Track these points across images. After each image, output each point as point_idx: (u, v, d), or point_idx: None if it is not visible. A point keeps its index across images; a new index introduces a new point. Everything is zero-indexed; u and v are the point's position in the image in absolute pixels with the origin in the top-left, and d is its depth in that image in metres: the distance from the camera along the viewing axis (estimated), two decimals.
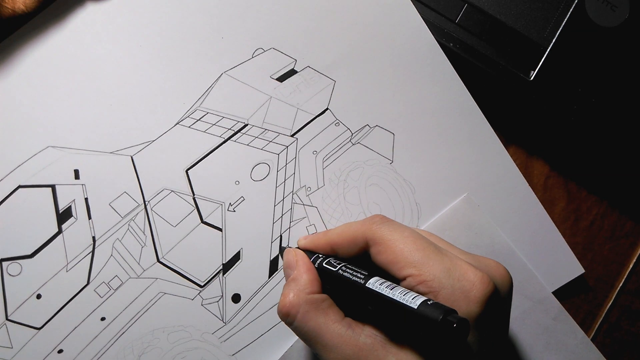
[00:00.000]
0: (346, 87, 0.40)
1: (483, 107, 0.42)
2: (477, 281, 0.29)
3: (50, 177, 0.36)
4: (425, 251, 0.30)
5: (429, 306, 0.27)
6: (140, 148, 0.37)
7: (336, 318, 0.31)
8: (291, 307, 0.31)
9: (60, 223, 0.36)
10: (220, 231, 0.38)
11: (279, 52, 0.39)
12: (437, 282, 0.29)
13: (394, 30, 0.40)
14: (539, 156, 0.44)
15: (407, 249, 0.31)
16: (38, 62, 0.36)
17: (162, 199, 0.37)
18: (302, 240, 0.37)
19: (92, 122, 0.37)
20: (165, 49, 0.38)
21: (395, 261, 0.31)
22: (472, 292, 0.29)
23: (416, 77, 0.40)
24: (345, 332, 0.30)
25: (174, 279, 0.37)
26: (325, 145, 0.40)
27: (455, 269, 0.30)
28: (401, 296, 0.28)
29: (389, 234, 0.32)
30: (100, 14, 0.37)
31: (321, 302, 0.32)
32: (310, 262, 0.34)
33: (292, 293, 0.32)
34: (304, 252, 0.35)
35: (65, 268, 0.36)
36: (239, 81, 0.38)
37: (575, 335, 0.42)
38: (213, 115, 0.38)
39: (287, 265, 0.35)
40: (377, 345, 0.29)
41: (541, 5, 0.40)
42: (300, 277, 0.33)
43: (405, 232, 0.32)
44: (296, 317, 0.31)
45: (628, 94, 0.40)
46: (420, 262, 0.30)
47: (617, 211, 0.44)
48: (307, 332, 0.31)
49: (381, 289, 0.30)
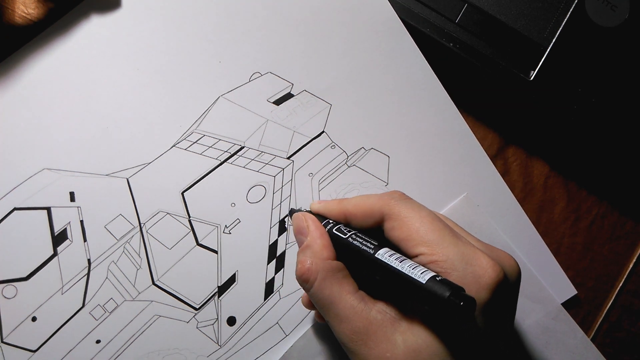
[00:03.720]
0: (342, 111, 0.40)
1: (483, 107, 0.42)
2: (488, 268, 0.29)
3: (45, 199, 0.36)
4: (440, 232, 0.30)
5: (437, 282, 0.27)
6: (136, 170, 0.37)
7: (350, 289, 0.31)
8: (310, 273, 0.31)
9: (55, 245, 0.36)
10: (216, 253, 0.38)
11: (276, 76, 0.39)
12: (449, 263, 0.29)
13: (388, 56, 0.40)
14: (539, 156, 0.44)
15: (423, 228, 0.30)
16: (34, 84, 0.36)
17: (157, 222, 0.37)
18: (315, 204, 0.36)
19: (88, 144, 0.37)
20: (162, 72, 0.38)
21: (409, 238, 0.30)
22: (483, 278, 0.29)
23: (410, 101, 0.41)
24: (358, 304, 0.30)
25: (169, 301, 0.37)
26: (321, 167, 0.40)
27: (468, 253, 0.30)
28: (410, 269, 0.28)
29: (406, 211, 0.31)
30: (98, 37, 0.37)
31: (338, 270, 0.32)
32: (322, 227, 0.34)
33: (309, 260, 0.32)
34: (314, 217, 0.35)
35: (61, 290, 0.36)
36: (236, 104, 0.39)
37: (575, 335, 0.42)
38: (209, 138, 0.38)
39: (298, 230, 0.34)
40: (387, 321, 0.29)
41: (541, 5, 0.40)
42: (315, 243, 0.33)
43: (423, 212, 0.31)
44: (314, 284, 0.31)
45: (628, 94, 0.40)
46: (434, 242, 0.30)
47: (617, 211, 0.45)
48: (323, 299, 0.31)
49: (390, 260, 0.29)
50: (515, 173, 0.43)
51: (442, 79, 0.41)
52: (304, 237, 0.33)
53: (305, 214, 0.35)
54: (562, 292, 0.42)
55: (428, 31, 0.40)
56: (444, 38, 0.40)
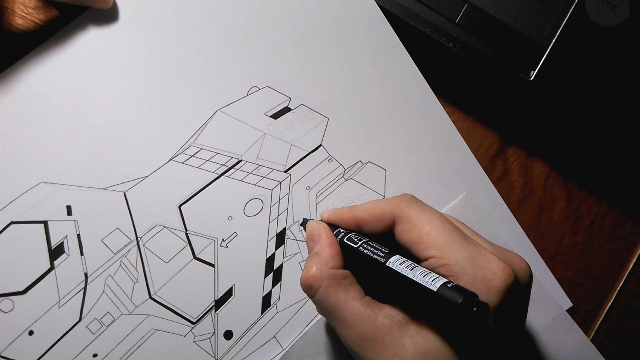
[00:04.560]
0: (339, 125, 0.40)
1: (483, 107, 0.42)
2: (499, 271, 0.29)
3: (42, 213, 0.36)
4: (451, 235, 0.30)
5: (449, 289, 0.27)
6: (133, 184, 0.37)
7: (356, 296, 0.31)
8: (314, 280, 0.31)
9: (52, 259, 0.36)
10: (213, 267, 0.38)
11: (274, 90, 0.39)
12: (459, 267, 0.29)
13: (384, 71, 0.41)
14: (539, 156, 0.44)
15: (434, 231, 0.30)
16: (31, 98, 0.36)
17: (154, 235, 0.37)
18: (326, 213, 0.36)
19: (85, 158, 0.37)
20: (160, 86, 0.38)
21: (420, 241, 0.30)
22: (494, 282, 0.29)
23: (406, 115, 0.41)
24: (364, 310, 0.30)
25: (166, 315, 0.37)
26: (319, 180, 0.40)
27: (479, 257, 0.29)
28: (421, 277, 0.28)
29: (416, 214, 0.31)
30: (95, 50, 0.37)
31: (343, 278, 0.32)
32: (333, 236, 0.34)
33: (315, 267, 0.32)
34: (326, 225, 0.35)
35: (58, 304, 0.36)
36: (234, 118, 0.39)
37: (575, 335, 0.42)
38: (207, 152, 0.38)
39: (310, 237, 0.34)
40: (394, 326, 0.29)
41: (541, 5, 0.40)
42: (323, 251, 0.33)
43: (434, 215, 0.31)
44: (318, 291, 0.31)
45: (628, 94, 0.40)
46: (444, 245, 0.30)
47: (617, 211, 0.45)
48: (327, 307, 0.31)
49: (401, 268, 0.29)
50: (515, 173, 0.43)
51: (442, 79, 0.41)
52: (315, 244, 0.34)
53: (319, 222, 0.35)
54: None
55: (428, 31, 0.39)
56: (444, 38, 0.39)
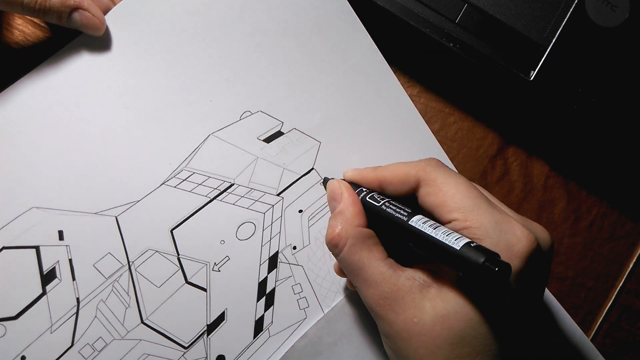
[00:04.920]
0: (331, 148, 0.40)
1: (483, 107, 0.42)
2: (522, 237, 0.29)
3: (34, 238, 0.36)
4: (476, 200, 0.30)
5: (471, 248, 0.27)
6: (125, 208, 0.37)
7: (380, 256, 0.31)
8: (339, 238, 0.31)
9: (44, 284, 0.36)
10: (205, 291, 0.38)
11: (266, 114, 0.39)
12: (483, 230, 0.29)
13: (375, 95, 0.41)
14: (539, 156, 0.44)
15: (459, 195, 0.30)
16: (23, 122, 0.36)
17: (146, 260, 0.37)
18: (349, 171, 0.36)
19: (76, 182, 0.37)
20: (152, 111, 0.38)
21: (444, 204, 0.30)
22: (517, 247, 0.29)
23: (397, 140, 0.41)
24: (387, 270, 0.30)
25: (158, 340, 0.37)
26: (311, 204, 0.40)
27: (503, 222, 0.29)
28: (444, 236, 0.28)
29: (442, 177, 0.31)
30: (87, 75, 0.37)
31: (368, 237, 0.32)
32: (355, 195, 0.34)
33: (340, 225, 0.32)
34: (348, 184, 0.35)
35: (50, 329, 0.36)
36: (226, 142, 0.39)
37: (575, 335, 0.42)
38: (199, 175, 0.38)
39: (331, 196, 0.34)
40: (415, 288, 0.30)
41: (541, 5, 0.40)
42: (347, 210, 0.33)
43: (460, 180, 0.31)
44: (343, 249, 0.31)
45: (628, 94, 0.40)
46: (469, 208, 0.30)
47: (617, 211, 0.45)
48: (351, 264, 0.31)
49: (424, 227, 0.29)
50: (515, 173, 0.43)
51: (442, 79, 0.41)
52: (337, 203, 0.34)
53: (340, 181, 0.35)
54: None
55: (428, 31, 0.39)
56: (444, 38, 0.39)
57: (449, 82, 0.41)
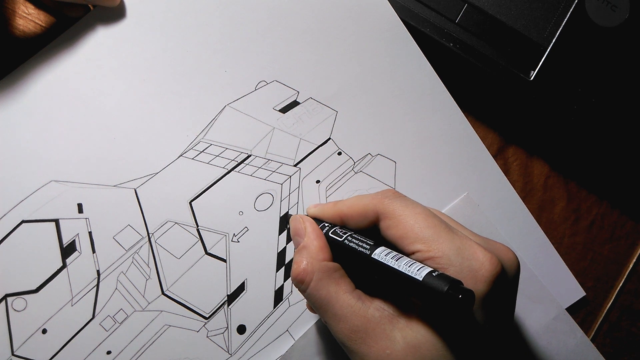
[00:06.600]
0: (348, 118, 0.40)
1: (483, 107, 0.42)
2: (485, 261, 0.29)
3: (53, 211, 0.36)
4: (436, 228, 0.30)
5: (434, 277, 0.27)
6: (144, 181, 0.37)
7: (347, 289, 0.31)
8: (305, 274, 0.31)
9: (64, 257, 0.36)
10: (225, 262, 0.38)
11: (282, 84, 0.39)
12: (446, 259, 0.29)
13: (393, 62, 0.40)
14: (539, 156, 0.44)
15: (418, 225, 0.30)
16: (40, 96, 0.36)
17: (165, 231, 0.37)
18: (311, 208, 0.36)
19: (95, 155, 0.37)
20: (168, 83, 0.38)
21: (405, 236, 0.30)
22: (480, 272, 0.29)
23: (416, 107, 0.41)
24: (355, 303, 0.30)
25: (179, 311, 0.37)
26: (328, 174, 0.40)
27: (465, 248, 0.29)
28: (406, 267, 0.28)
29: (400, 209, 0.31)
30: (103, 48, 0.37)
31: (334, 271, 0.31)
32: (319, 229, 0.34)
33: (305, 260, 0.32)
34: (311, 219, 0.35)
35: (71, 302, 0.36)
36: (242, 113, 0.39)
37: (575, 335, 0.42)
38: (216, 147, 0.38)
39: (295, 232, 0.34)
40: (385, 319, 0.29)
41: (541, 5, 0.40)
42: (311, 244, 0.33)
43: (418, 209, 0.31)
44: (310, 285, 0.31)
45: (628, 94, 0.40)
46: (430, 238, 0.30)
47: (617, 211, 0.45)
48: (319, 299, 0.31)
49: (387, 259, 0.29)
50: (515, 173, 0.44)
51: (442, 79, 0.41)
52: (301, 238, 0.33)
53: (302, 216, 0.35)
54: (570, 294, 0.43)
55: (428, 31, 0.40)
56: (444, 38, 0.40)
57: (448, 82, 0.41)
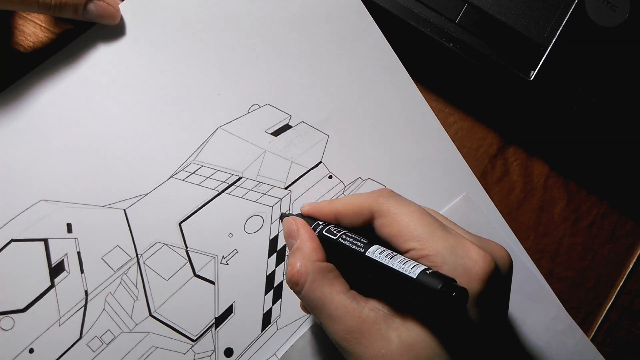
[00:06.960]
0: (339, 142, 0.40)
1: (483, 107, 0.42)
2: (479, 259, 0.29)
3: (42, 231, 0.36)
4: (430, 227, 0.30)
5: (427, 275, 0.27)
6: (134, 201, 0.37)
7: (341, 289, 0.31)
8: (299, 275, 0.31)
9: (52, 277, 0.36)
10: (213, 284, 0.38)
11: (274, 107, 0.39)
12: (440, 257, 0.29)
13: (384, 89, 0.41)
14: (539, 156, 0.44)
15: (412, 224, 0.30)
16: (32, 115, 0.36)
17: (154, 253, 0.37)
18: (305, 206, 0.36)
19: (85, 175, 0.37)
20: (161, 104, 0.38)
21: (400, 234, 0.30)
22: (474, 270, 0.29)
23: (405, 132, 0.41)
24: (350, 303, 0.30)
25: (166, 333, 0.37)
26: (319, 197, 0.40)
27: (458, 246, 0.29)
28: (400, 265, 0.28)
29: (395, 208, 0.31)
30: (96, 68, 0.37)
31: (328, 271, 0.31)
32: (311, 230, 0.34)
33: (299, 262, 0.32)
34: (304, 220, 0.35)
35: (58, 322, 0.36)
36: (234, 135, 0.39)
37: (575, 335, 0.42)
38: (207, 169, 0.38)
39: (288, 233, 0.34)
40: (380, 319, 0.29)
41: (541, 5, 0.40)
42: (305, 245, 0.32)
43: (412, 207, 0.31)
44: (304, 286, 0.31)
45: (628, 94, 0.40)
46: (424, 236, 0.30)
47: (617, 211, 0.45)
48: (314, 300, 0.31)
49: (380, 257, 0.29)
50: (515, 173, 0.44)
51: (442, 79, 0.41)
52: (294, 240, 0.33)
53: (295, 218, 0.35)
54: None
55: (428, 31, 0.39)
56: (444, 38, 0.39)
57: (449, 82, 0.41)
